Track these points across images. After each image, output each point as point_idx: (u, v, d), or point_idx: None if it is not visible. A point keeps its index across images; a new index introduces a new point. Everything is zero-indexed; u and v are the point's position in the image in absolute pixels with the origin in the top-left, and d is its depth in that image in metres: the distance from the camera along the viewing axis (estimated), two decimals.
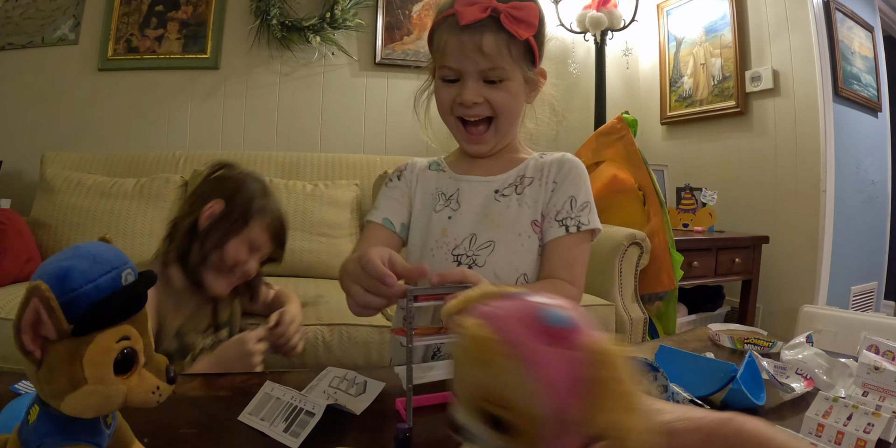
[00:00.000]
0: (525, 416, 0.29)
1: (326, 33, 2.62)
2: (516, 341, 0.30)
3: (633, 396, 0.29)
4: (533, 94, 0.92)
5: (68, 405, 0.38)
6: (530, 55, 0.86)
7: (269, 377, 0.73)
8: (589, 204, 0.89)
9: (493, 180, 0.92)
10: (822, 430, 0.58)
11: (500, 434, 0.31)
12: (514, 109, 0.89)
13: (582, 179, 0.91)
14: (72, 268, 0.38)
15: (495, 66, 0.83)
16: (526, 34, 0.82)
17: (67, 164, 2.22)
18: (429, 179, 0.99)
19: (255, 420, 0.61)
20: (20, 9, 2.47)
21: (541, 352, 0.29)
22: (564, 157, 0.94)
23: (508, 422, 0.30)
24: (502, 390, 0.30)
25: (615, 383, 0.29)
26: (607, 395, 0.29)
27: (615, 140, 2.26)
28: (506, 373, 0.29)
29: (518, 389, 0.29)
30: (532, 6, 0.83)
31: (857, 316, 1.90)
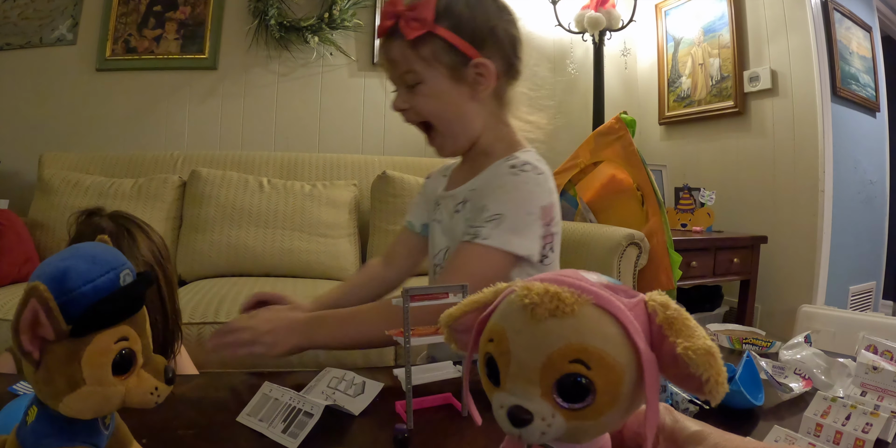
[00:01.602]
0: (610, 370, 0.28)
1: (325, 33, 2.62)
2: (591, 291, 0.29)
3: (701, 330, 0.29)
4: (480, 89, 0.84)
5: (67, 406, 0.38)
6: (455, 50, 0.81)
7: (268, 378, 0.73)
8: (501, 217, 0.80)
9: (455, 195, 0.91)
10: (821, 430, 0.58)
11: (571, 410, 0.29)
12: (443, 110, 0.85)
13: (505, 191, 0.82)
14: (70, 268, 0.38)
15: (406, 70, 0.81)
16: (415, 33, 0.78)
17: (65, 165, 2.21)
18: (435, 186, 1.00)
19: (253, 421, 0.61)
20: (18, 9, 2.47)
21: (614, 299, 0.29)
22: (505, 173, 0.85)
23: (588, 384, 0.28)
24: (587, 340, 0.28)
25: (685, 320, 0.29)
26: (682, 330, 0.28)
27: (613, 140, 2.26)
28: (589, 319, 0.29)
29: (604, 335, 0.28)
30: (425, 2, 0.79)
31: (855, 316, 1.90)
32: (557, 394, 0.28)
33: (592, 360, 0.28)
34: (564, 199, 2.45)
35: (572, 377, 0.28)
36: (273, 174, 2.33)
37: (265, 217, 2.11)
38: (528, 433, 0.29)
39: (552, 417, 0.29)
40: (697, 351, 0.27)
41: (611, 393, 0.28)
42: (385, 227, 2.20)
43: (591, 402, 0.28)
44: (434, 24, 0.79)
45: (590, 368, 0.28)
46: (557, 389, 0.28)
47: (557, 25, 2.79)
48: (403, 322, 0.61)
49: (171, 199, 2.14)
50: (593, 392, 0.28)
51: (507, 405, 0.29)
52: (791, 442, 0.56)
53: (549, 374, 0.28)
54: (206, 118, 2.63)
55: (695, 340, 0.28)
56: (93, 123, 2.51)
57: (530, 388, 0.29)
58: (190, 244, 2.06)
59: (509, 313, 0.31)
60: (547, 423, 0.29)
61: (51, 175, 2.11)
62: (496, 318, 0.32)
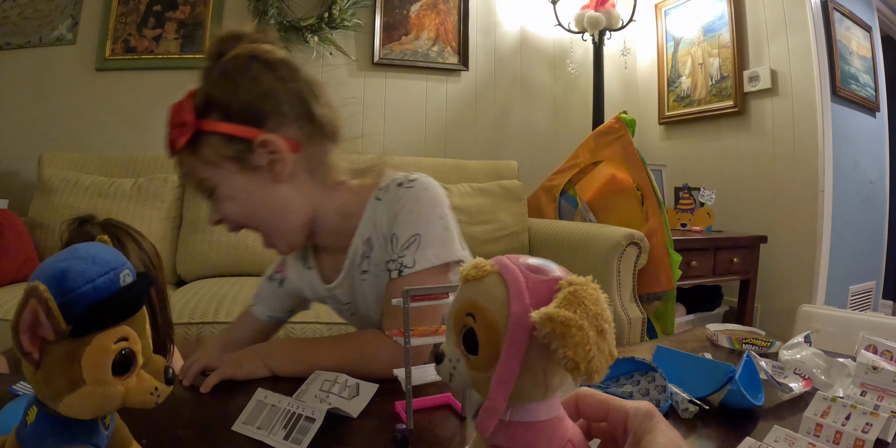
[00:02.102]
0: (490, 327, 0.32)
1: (324, 33, 2.62)
2: (504, 264, 0.34)
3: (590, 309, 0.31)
4: (279, 168, 0.73)
5: (66, 406, 0.38)
6: (234, 140, 0.71)
7: (259, 383, 0.73)
8: (418, 237, 0.76)
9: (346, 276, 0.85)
10: (821, 430, 0.58)
11: (469, 359, 0.34)
12: (251, 209, 0.76)
13: (408, 210, 0.77)
14: (70, 269, 0.38)
15: (198, 180, 0.74)
16: (183, 139, 0.69)
17: (65, 165, 2.21)
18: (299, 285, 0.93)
19: (250, 429, 0.59)
20: (18, 9, 2.47)
21: (520, 272, 0.33)
22: (397, 193, 0.80)
23: (475, 335, 0.33)
24: (479, 298, 0.33)
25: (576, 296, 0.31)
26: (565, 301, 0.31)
27: (613, 140, 2.26)
28: (487, 283, 0.34)
29: (491, 296, 0.33)
30: (174, 107, 0.71)
31: (855, 315, 1.90)
32: (462, 342, 0.34)
33: (477, 315, 0.33)
34: (564, 199, 2.45)
35: (467, 328, 0.34)
36: None
37: None
38: (440, 370, 0.36)
39: (458, 362, 0.35)
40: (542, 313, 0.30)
41: (490, 347, 0.32)
42: None
43: (477, 356, 0.33)
44: (199, 121, 0.70)
45: (476, 321, 0.33)
46: (462, 340, 0.34)
47: (557, 25, 2.79)
48: (403, 322, 0.61)
49: (171, 199, 2.14)
50: (479, 346, 0.33)
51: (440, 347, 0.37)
52: (791, 442, 0.56)
53: (457, 324, 0.35)
54: None
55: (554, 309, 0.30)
56: (93, 123, 2.51)
57: (451, 335, 0.36)
58: (190, 244, 2.06)
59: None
60: (453, 366, 0.35)
61: (50, 175, 2.11)
62: None
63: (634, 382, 0.69)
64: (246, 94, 0.72)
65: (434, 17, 2.86)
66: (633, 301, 1.92)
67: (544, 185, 2.53)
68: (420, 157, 2.64)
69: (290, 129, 0.74)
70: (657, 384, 0.67)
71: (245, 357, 0.76)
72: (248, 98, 0.72)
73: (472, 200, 2.29)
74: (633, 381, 0.70)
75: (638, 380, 0.69)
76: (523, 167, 2.68)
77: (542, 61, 3.07)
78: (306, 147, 0.76)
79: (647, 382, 0.68)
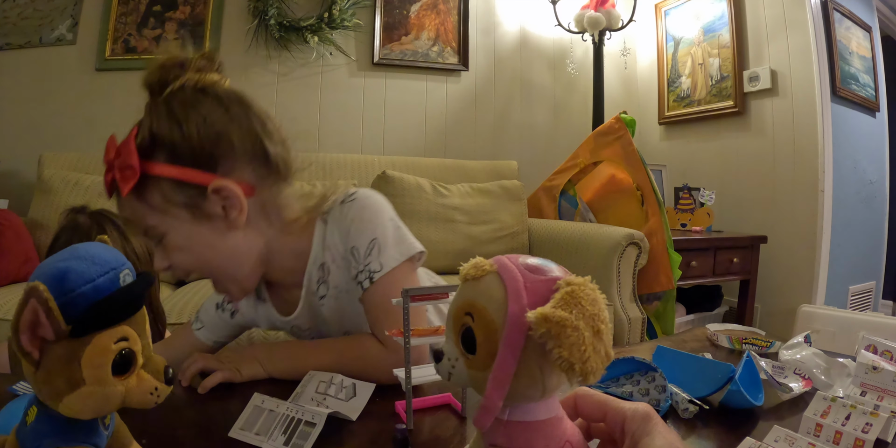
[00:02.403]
0: (488, 326, 0.33)
1: (324, 33, 2.62)
2: (503, 264, 0.34)
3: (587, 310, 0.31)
4: (234, 214, 0.69)
5: (66, 406, 0.38)
6: (184, 185, 0.66)
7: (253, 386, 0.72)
8: (375, 241, 0.76)
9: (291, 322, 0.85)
10: (821, 430, 0.58)
11: (467, 358, 0.34)
12: (203, 258, 0.71)
13: (358, 220, 0.77)
14: (70, 269, 0.38)
15: (145, 227, 0.68)
16: (128, 184, 0.63)
17: (65, 165, 2.21)
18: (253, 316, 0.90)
19: (248, 435, 0.58)
20: (18, 9, 2.47)
21: (518, 272, 0.33)
22: (342, 211, 0.79)
23: (473, 334, 0.33)
24: (477, 298, 0.34)
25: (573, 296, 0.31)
26: (562, 302, 0.31)
27: (613, 140, 2.26)
28: (486, 283, 0.34)
29: (489, 295, 0.33)
30: (117, 146, 0.65)
31: (855, 315, 1.90)
32: (461, 342, 0.34)
33: (475, 314, 0.33)
34: (564, 199, 2.45)
35: (466, 327, 0.34)
36: None
37: None
38: (439, 368, 0.36)
39: (456, 361, 0.35)
40: (538, 313, 0.30)
41: (488, 346, 0.33)
42: None
43: (475, 355, 0.33)
44: (146, 164, 0.63)
45: (474, 321, 0.33)
46: (461, 339, 0.34)
47: (557, 25, 2.80)
48: (404, 322, 0.61)
49: None
50: (476, 345, 0.33)
51: (436, 346, 0.37)
52: (791, 442, 0.56)
53: (456, 323, 0.35)
54: None
55: (550, 309, 0.30)
56: (93, 123, 2.51)
57: (450, 334, 0.36)
58: None
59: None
60: (451, 364, 0.35)
61: (50, 175, 2.10)
62: None
63: (634, 382, 0.69)
64: (196, 134, 0.65)
65: (434, 17, 2.86)
66: (633, 301, 1.92)
67: (544, 185, 2.53)
68: (420, 157, 2.64)
69: (244, 172, 0.69)
70: (657, 384, 0.67)
71: (244, 360, 0.76)
72: (198, 139, 0.65)
73: (472, 200, 2.29)
74: (633, 382, 0.70)
75: (638, 380, 0.69)
76: (523, 167, 2.68)
77: (542, 61, 3.07)
78: (260, 190, 0.71)
79: (647, 382, 0.68)
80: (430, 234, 2.17)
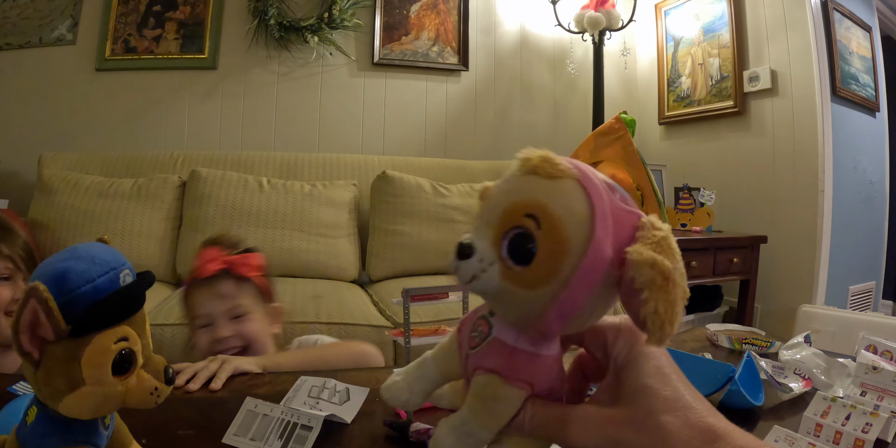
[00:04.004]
0: (558, 240, 0.27)
1: (324, 33, 2.62)
2: (585, 173, 0.29)
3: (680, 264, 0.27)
4: (275, 325, 1.04)
5: (66, 406, 0.38)
6: (261, 294, 1.02)
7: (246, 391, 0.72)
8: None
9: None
10: (821, 430, 0.58)
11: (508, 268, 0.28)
12: (262, 337, 0.99)
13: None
14: (70, 269, 0.38)
15: (236, 304, 0.97)
16: (253, 274, 1.00)
17: (65, 165, 2.21)
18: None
19: (243, 441, 0.57)
20: (18, 9, 2.47)
21: (607, 191, 0.28)
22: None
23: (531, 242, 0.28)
24: (552, 202, 0.28)
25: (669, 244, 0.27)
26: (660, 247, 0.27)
27: (613, 140, 2.26)
28: (565, 188, 0.28)
29: (569, 206, 0.27)
30: (255, 255, 1.02)
31: (855, 316, 1.90)
32: (506, 247, 0.28)
33: (545, 221, 0.27)
34: None
35: (521, 231, 0.28)
36: (273, 174, 2.33)
37: (265, 217, 2.11)
38: (464, 267, 0.29)
39: (489, 265, 0.28)
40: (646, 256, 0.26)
41: (549, 264, 0.27)
42: (385, 227, 2.20)
43: (526, 268, 0.28)
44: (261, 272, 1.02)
45: (540, 228, 0.27)
46: (508, 243, 0.28)
47: (557, 25, 2.79)
48: (404, 322, 0.61)
49: (171, 199, 2.14)
50: (534, 258, 0.28)
51: (463, 239, 0.30)
52: (791, 442, 0.56)
53: (506, 221, 0.28)
54: (205, 118, 2.63)
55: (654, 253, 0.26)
56: (92, 123, 2.51)
57: (487, 231, 0.29)
58: (190, 244, 2.06)
59: (507, 171, 0.31)
60: (482, 268, 0.29)
61: (50, 175, 2.10)
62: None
63: None
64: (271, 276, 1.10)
65: (434, 18, 2.86)
66: None
67: None
68: (420, 157, 2.64)
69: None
70: None
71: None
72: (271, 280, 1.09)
73: (472, 200, 2.28)
74: None
75: None
76: None
77: (542, 61, 3.07)
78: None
79: None
80: (430, 234, 2.17)
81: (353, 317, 1.62)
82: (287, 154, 2.48)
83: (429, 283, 1.94)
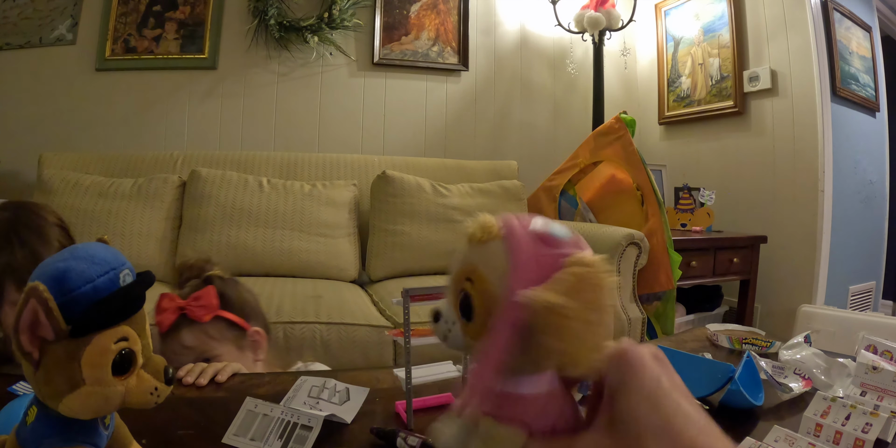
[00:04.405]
0: (487, 296, 0.31)
1: (324, 33, 2.62)
2: (511, 230, 0.32)
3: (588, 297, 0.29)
4: (257, 352, 0.98)
5: (66, 406, 0.38)
6: (234, 325, 0.94)
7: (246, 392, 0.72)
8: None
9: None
10: (821, 430, 0.58)
11: (465, 324, 0.33)
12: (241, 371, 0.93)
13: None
14: (70, 269, 0.38)
15: (202, 350, 0.90)
16: (208, 316, 0.90)
17: (65, 165, 2.21)
18: None
19: (243, 441, 0.57)
20: (18, 9, 2.47)
21: (527, 242, 0.31)
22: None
23: (471, 300, 0.32)
24: (479, 264, 0.32)
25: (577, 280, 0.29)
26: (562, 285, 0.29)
27: (613, 140, 2.26)
28: (491, 250, 0.32)
29: (493, 265, 0.32)
30: (208, 290, 0.92)
31: (855, 315, 1.90)
32: (459, 307, 0.33)
33: (476, 281, 0.32)
34: (564, 199, 2.45)
35: (465, 292, 0.33)
36: (273, 174, 2.33)
37: (265, 217, 2.11)
38: (437, 329, 0.35)
39: (453, 324, 0.34)
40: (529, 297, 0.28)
41: (485, 316, 0.31)
42: (385, 227, 2.20)
43: (472, 323, 0.32)
44: (218, 309, 0.92)
45: (474, 289, 0.32)
46: (459, 304, 0.33)
47: (557, 25, 2.79)
48: (404, 322, 0.61)
49: (171, 199, 2.14)
50: (473, 313, 0.32)
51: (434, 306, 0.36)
52: (791, 442, 0.56)
53: (456, 286, 0.34)
54: (205, 118, 2.63)
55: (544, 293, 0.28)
56: (92, 123, 2.50)
57: (449, 296, 0.35)
58: (189, 244, 2.06)
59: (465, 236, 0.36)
60: (448, 328, 0.34)
61: (50, 175, 2.10)
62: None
63: None
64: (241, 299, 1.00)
65: (434, 18, 2.86)
66: (633, 301, 1.92)
67: (544, 185, 2.53)
68: (420, 157, 2.64)
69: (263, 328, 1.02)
70: None
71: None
72: (242, 303, 0.99)
73: (472, 200, 2.29)
74: None
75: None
76: (523, 167, 2.68)
77: (542, 61, 3.07)
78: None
79: None
80: (430, 234, 2.17)
81: (353, 317, 1.62)
82: (287, 154, 2.48)
83: (429, 283, 1.94)
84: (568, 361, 0.29)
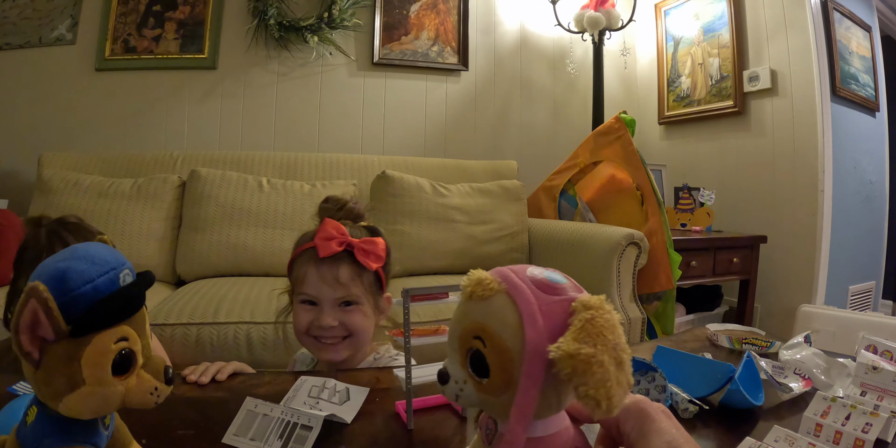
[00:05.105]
0: (502, 352, 0.31)
1: (324, 33, 2.62)
2: (512, 283, 0.33)
3: (609, 340, 0.30)
4: (380, 317, 0.97)
5: (66, 406, 0.38)
6: (378, 283, 0.95)
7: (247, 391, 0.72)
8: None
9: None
10: (821, 430, 0.58)
11: (477, 382, 0.33)
12: (367, 329, 0.94)
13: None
14: (70, 269, 0.38)
15: (349, 292, 0.90)
16: (375, 265, 0.90)
17: (65, 165, 2.21)
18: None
19: (243, 441, 0.57)
20: (17, 9, 2.47)
21: (530, 292, 0.32)
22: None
23: (484, 359, 0.32)
24: (488, 321, 0.32)
25: (594, 325, 0.30)
26: (584, 333, 0.29)
27: (613, 140, 2.26)
28: (496, 305, 0.32)
29: (502, 320, 0.32)
30: (380, 241, 0.91)
31: (855, 315, 1.90)
32: (469, 364, 0.33)
33: (487, 340, 0.32)
34: (564, 199, 2.45)
35: (475, 350, 0.32)
36: (272, 174, 2.33)
37: (265, 217, 2.11)
38: (445, 391, 0.35)
39: (464, 383, 0.34)
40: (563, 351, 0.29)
41: (503, 373, 0.31)
42: (384, 227, 2.18)
43: (488, 380, 0.32)
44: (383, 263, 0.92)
45: (486, 346, 0.32)
46: (469, 362, 0.33)
47: (557, 25, 2.79)
48: (404, 322, 0.61)
49: (171, 199, 2.13)
50: (490, 371, 0.32)
51: (441, 367, 0.35)
52: (791, 442, 0.56)
53: (463, 345, 0.33)
54: (205, 118, 2.63)
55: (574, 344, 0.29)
56: (92, 123, 2.51)
57: (455, 355, 0.34)
58: (189, 244, 2.06)
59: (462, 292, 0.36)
60: (459, 387, 0.34)
61: (50, 175, 2.10)
62: None
63: (634, 382, 0.69)
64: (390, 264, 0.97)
65: (434, 17, 2.86)
66: (633, 301, 1.92)
67: (544, 185, 2.53)
68: (420, 157, 2.64)
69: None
70: (657, 384, 0.67)
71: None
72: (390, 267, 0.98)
73: (472, 200, 2.29)
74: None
75: (638, 380, 0.69)
76: (523, 167, 2.68)
77: (541, 61, 3.07)
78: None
79: (647, 382, 0.68)
80: (430, 234, 2.17)
81: None
82: (287, 154, 2.48)
83: (429, 283, 1.94)
84: (607, 407, 0.29)
